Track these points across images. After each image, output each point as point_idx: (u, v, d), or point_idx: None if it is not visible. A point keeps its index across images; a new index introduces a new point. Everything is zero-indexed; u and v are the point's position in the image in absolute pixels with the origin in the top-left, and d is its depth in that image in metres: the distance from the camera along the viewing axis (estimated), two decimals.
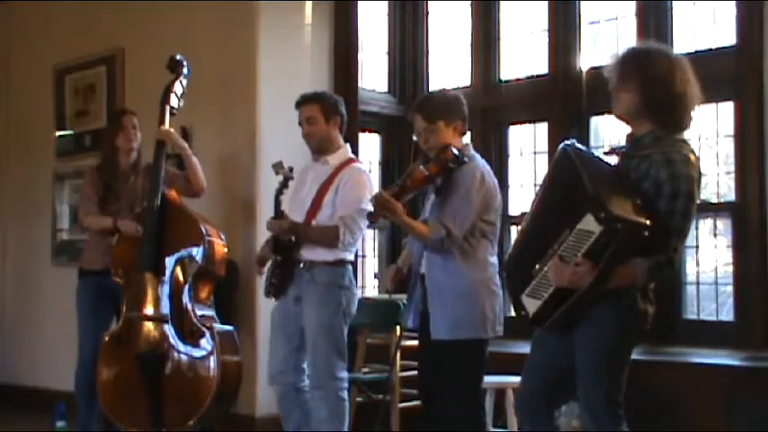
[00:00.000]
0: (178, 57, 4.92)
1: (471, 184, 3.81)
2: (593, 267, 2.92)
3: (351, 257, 4.42)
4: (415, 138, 4.04)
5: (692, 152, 3.07)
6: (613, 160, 3.19)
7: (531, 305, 3.10)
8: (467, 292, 3.82)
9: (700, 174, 3.06)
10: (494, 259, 3.91)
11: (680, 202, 2.96)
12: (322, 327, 4.27)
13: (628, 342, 3.12)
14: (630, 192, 3.00)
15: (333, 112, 4.46)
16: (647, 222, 2.91)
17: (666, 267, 2.99)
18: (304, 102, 4.47)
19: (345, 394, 4.33)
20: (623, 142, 3.22)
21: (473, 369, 3.88)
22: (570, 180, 3.07)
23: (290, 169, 4.37)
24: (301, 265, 4.33)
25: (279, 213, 4.36)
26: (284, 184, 4.37)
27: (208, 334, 4.55)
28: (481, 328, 3.83)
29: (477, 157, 3.97)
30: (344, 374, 4.35)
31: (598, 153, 3.29)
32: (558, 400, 3.36)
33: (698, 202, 3.05)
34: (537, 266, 3.08)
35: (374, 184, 4.49)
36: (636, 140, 3.13)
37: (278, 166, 4.40)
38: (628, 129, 3.19)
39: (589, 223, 2.92)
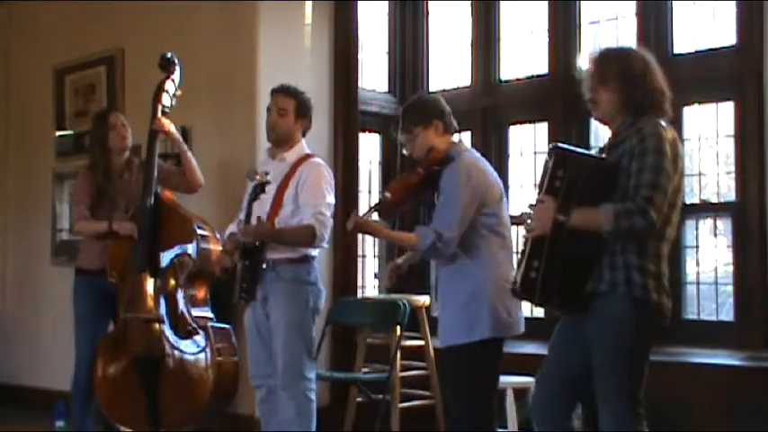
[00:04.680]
0: (169, 55, 4.87)
1: (454, 182, 3.69)
2: (554, 200, 3.01)
3: (315, 253, 4.33)
4: (405, 152, 3.96)
5: (661, 122, 3.09)
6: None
7: (518, 273, 3.14)
8: (477, 292, 3.68)
9: (674, 137, 3.08)
10: (505, 254, 3.76)
11: (648, 158, 2.98)
12: (290, 325, 4.20)
13: (645, 337, 3.08)
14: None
15: (304, 113, 4.41)
16: (601, 157, 3.08)
17: (637, 217, 2.93)
18: (281, 92, 4.42)
19: (313, 395, 4.24)
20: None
21: (485, 371, 3.74)
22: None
23: (266, 173, 4.20)
24: (265, 265, 4.25)
25: (249, 219, 4.21)
26: (262, 190, 4.18)
27: (204, 334, 4.55)
28: (493, 328, 3.67)
29: (467, 153, 3.83)
30: (313, 374, 4.26)
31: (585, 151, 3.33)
32: (576, 402, 3.32)
33: (670, 159, 3.02)
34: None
35: (332, 176, 4.40)
36: (615, 135, 3.18)
37: (252, 173, 4.25)
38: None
39: (547, 164, 3.08)
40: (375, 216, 3.80)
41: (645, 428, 3.05)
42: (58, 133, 6.70)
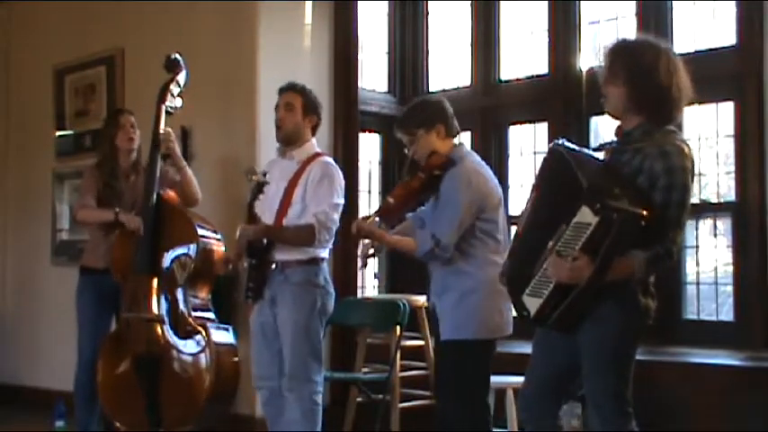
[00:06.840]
0: (174, 56, 4.89)
1: (454, 188, 3.74)
2: (591, 260, 2.91)
3: (324, 255, 4.31)
4: (406, 151, 3.97)
5: (685, 143, 3.06)
6: (602, 155, 3.18)
7: (533, 304, 3.09)
8: (470, 291, 3.76)
9: (693, 164, 3.04)
10: (499, 258, 3.73)
11: (676, 193, 2.95)
12: (297, 328, 4.18)
13: (632, 339, 3.10)
14: (625, 184, 3.00)
15: (312, 109, 4.38)
16: (644, 212, 2.91)
17: (665, 259, 2.97)
18: (288, 89, 4.40)
19: (319, 398, 4.22)
20: (611, 138, 3.21)
21: (474, 370, 3.82)
22: (563, 177, 3.06)
23: (264, 174, 4.20)
24: (274, 266, 4.23)
25: (251, 219, 4.20)
26: (259, 191, 4.19)
27: (204, 334, 4.55)
28: (484, 329, 3.78)
29: (469, 157, 3.89)
30: (319, 377, 4.24)
31: (587, 150, 3.29)
32: (562, 400, 3.34)
33: (692, 193, 3.03)
34: (536, 265, 3.07)
35: (342, 176, 4.36)
36: (626, 134, 3.12)
37: (250, 173, 4.22)
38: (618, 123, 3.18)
39: (585, 215, 2.91)
40: (377, 220, 3.83)
41: (634, 428, 3.06)
42: (58, 133, 6.70)
